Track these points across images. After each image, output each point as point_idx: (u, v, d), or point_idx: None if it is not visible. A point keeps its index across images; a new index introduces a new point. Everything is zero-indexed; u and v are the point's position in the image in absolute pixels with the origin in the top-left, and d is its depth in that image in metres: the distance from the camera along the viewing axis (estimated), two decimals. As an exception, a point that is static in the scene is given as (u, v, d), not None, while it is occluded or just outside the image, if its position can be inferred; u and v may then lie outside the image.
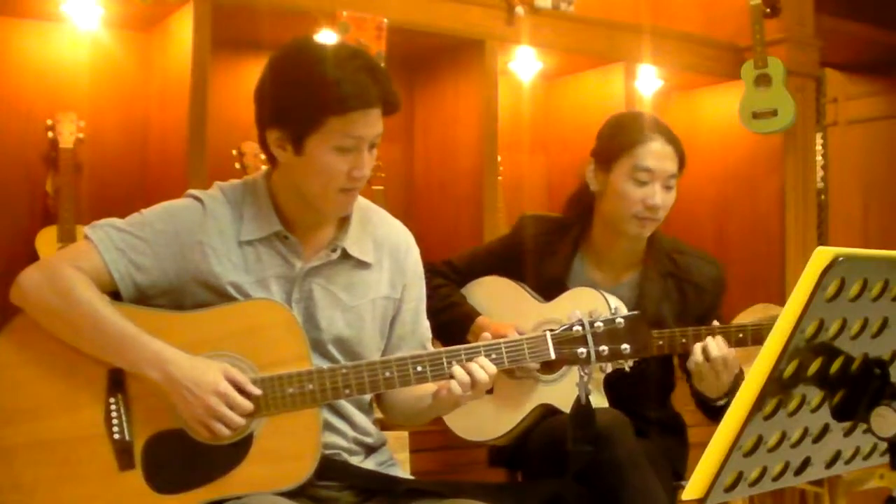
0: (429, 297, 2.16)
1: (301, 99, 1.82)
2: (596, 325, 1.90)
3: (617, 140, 2.50)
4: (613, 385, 2.37)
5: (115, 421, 1.81)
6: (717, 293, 2.53)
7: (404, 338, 2.05)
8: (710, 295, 2.51)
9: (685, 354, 2.37)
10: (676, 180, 2.49)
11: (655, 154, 2.45)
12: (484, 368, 1.86)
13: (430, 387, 2.00)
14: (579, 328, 1.90)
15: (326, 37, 3.13)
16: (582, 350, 1.90)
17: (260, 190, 1.94)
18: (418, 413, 2.05)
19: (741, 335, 2.37)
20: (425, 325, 2.11)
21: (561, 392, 2.39)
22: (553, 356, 1.89)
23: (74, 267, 1.84)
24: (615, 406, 2.36)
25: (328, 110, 1.80)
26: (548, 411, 2.43)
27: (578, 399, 1.97)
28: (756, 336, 2.36)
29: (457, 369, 1.85)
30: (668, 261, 2.52)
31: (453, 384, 1.85)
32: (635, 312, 1.94)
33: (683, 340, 2.37)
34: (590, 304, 2.35)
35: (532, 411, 2.43)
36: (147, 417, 1.82)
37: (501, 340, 1.90)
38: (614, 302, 2.36)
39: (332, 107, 1.80)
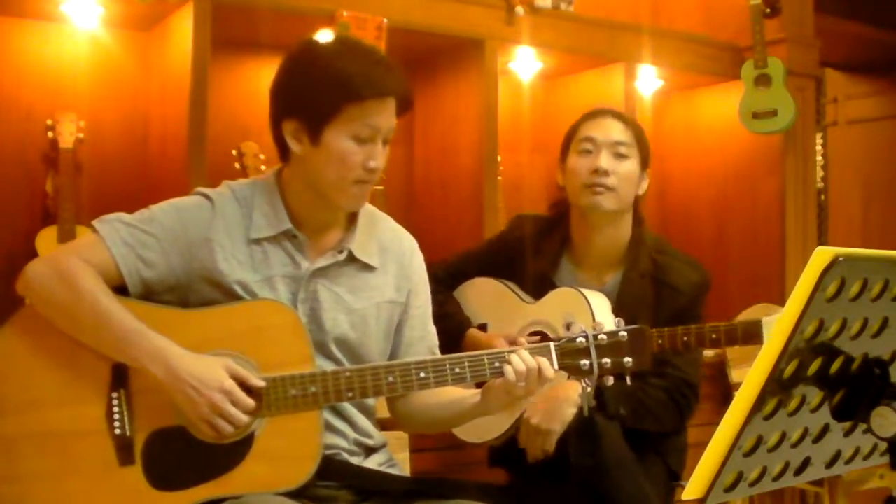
0: None
1: (319, 89, 1.85)
2: (599, 337, 1.90)
3: (569, 129, 2.58)
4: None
5: (116, 416, 1.81)
6: (694, 297, 2.49)
7: (413, 343, 2.05)
8: (684, 297, 2.47)
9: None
10: (632, 152, 2.49)
11: (598, 125, 2.52)
12: (535, 359, 1.86)
13: (455, 392, 2.01)
14: (583, 340, 1.90)
15: (326, 37, 3.14)
16: (585, 362, 1.89)
17: (270, 188, 1.95)
18: (444, 420, 2.07)
19: (714, 336, 2.36)
20: (433, 330, 2.11)
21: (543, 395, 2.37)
22: (556, 367, 1.89)
23: (82, 260, 1.84)
24: None
25: (346, 98, 1.83)
26: None
27: (581, 411, 1.96)
28: (730, 335, 2.35)
29: (513, 357, 1.86)
30: (649, 261, 2.50)
31: (507, 369, 1.85)
32: (639, 326, 1.94)
33: (660, 340, 2.37)
34: (572, 304, 2.36)
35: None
36: (149, 414, 1.82)
37: (505, 350, 1.89)
38: (595, 300, 2.36)
39: (350, 95, 1.83)
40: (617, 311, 2.34)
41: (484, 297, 2.62)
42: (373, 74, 1.85)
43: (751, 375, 1.23)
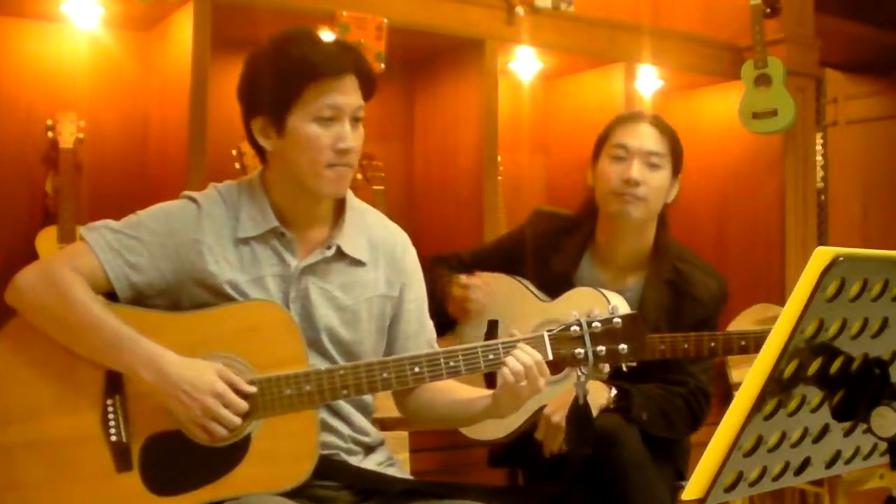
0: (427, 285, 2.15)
1: (274, 79, 1.86)
2: (593, 325, 1.89)
3: (603, 130, 2.55)
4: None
5: (112, 423, 1.81)
6: (713, 307, 2.51)
7: (411, 337, 2.05)
8: (704, 308, 2.48)
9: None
10: (665, 162, 2.47)
11: (633, 132, 2.48)
12: (528, 354, 1.86)
13: (468, 391, 2.02)
14: (577, 328, 1.90)
15: (326, 37, 3.14)
16: (579, 350, 1.89)
17: (255, 188, 1.95)
18: (455, 419, 2.08)
19: (743, 343, 2.38)
20: (430, 325, 2.11)
21: (563, 393, 2.38)
22: (550, 356, 1.89)
23: (70, 268, 1.84)
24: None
25: (302, 81, 1.84)
26: None
27: (576, 399, 1.96)
28: (760, 344, 2.37)
29: (508, 359, 1.86)
30: (671, 268, 2.50)
31: (505, 372, 1.85)
32: (632, 312, 1.94)
33: (686, 346, 2.38)
34: (591, 303, 2.35)
35: (536, 412, 2.43)
36: (144, 419, 1.81)
37: (499, 341, 1.90)
38: (615, 301, 2.36)
39: (305, 77, 1.84)
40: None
41: (497, 293, 2.61)
42: (325, 53, 1.86)
43: (751, 375, 1.23)
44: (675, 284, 2.48)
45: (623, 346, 1.89)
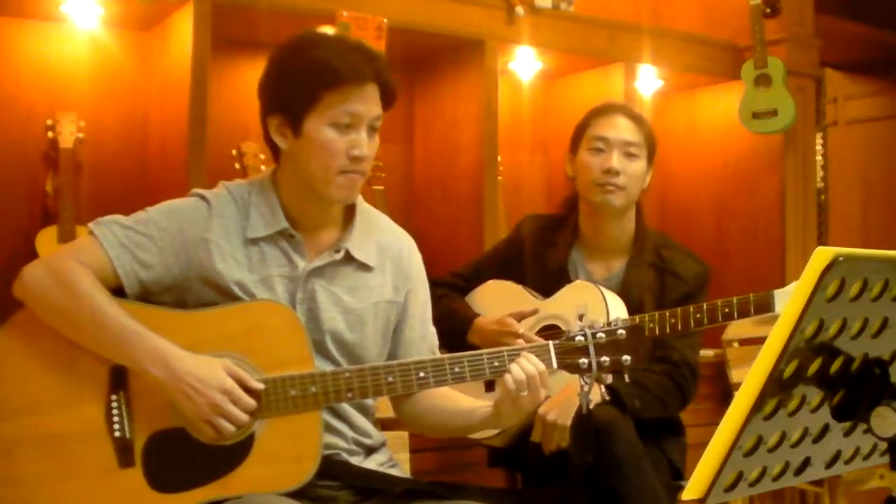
0: (432, 308, 2.16)
1: (296, 80, 1.86)
2: (598, 335, 1.89)
3: (580, 122, 2.66)
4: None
5: (115, 418, 1.81)
6: (697, 286, 2.58)
7: (414, 343, 2.05)
8: (686, 286, 2.56)
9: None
10: (641, 152, 2.59)
11: (610, 123, 2.60)
12: (532, 364, 1.86)
13: (467, 402, 2.01)
14: (581, 338, 1.90)
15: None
16: (584, 360, 1.89)
17: (266, 188, 1.95)
18: (453, 428, 2.07)
19: (727, 310, 2.43)
20: (433, 330, 2.11)
21: (555, 388, 2.39)
22: (555, 366, 1.89)
23: (79, 262, 1.84)
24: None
25: (322, 86, 1.84)
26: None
27: (580, 409, 1.97)
28: (742, 308, 2.40)
29: (512, 366, 1.85)
30: (653, 253, 2.59)
31: (507, 379, 1.85)
32: (636, 323, 1.94)
33: (673, 320, 2.44)
34: (585, 296, 2.40)
35: None
36: (148, 416, 1.81)
37: (505, 349, 1.89)
38: (610, 297, 2.39)
39: (326, 81, 1.84)
40: (623, 297, 2.41)
41: (495, 297, 2.66)
42: (348, 61, 1.85)
43: (751, 375, 1.23)
44: (658, 266, 2.57)
45: (626, 357, 1.89)
